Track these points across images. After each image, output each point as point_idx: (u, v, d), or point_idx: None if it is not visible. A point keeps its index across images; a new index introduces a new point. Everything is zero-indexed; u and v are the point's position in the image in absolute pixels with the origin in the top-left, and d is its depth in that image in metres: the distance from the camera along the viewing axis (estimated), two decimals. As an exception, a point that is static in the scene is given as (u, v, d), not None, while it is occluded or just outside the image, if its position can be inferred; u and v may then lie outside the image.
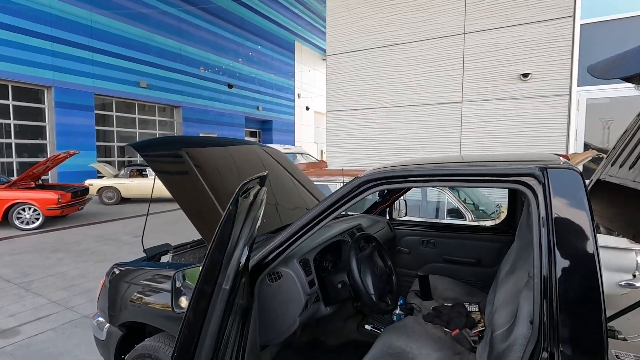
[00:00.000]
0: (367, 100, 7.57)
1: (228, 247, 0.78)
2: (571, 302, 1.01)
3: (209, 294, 0.78)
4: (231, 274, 0.75)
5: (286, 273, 1.58)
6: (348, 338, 2.20)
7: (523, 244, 1.83)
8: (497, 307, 1.55)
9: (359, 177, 1.40)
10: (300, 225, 1.46)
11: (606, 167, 2.09)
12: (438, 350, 1.67)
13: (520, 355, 1.13)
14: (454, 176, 1.24)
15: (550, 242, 1.07)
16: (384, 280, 1.81)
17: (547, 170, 1.10)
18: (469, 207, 4.42)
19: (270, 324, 1.59)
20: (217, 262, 0.80)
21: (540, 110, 6.04)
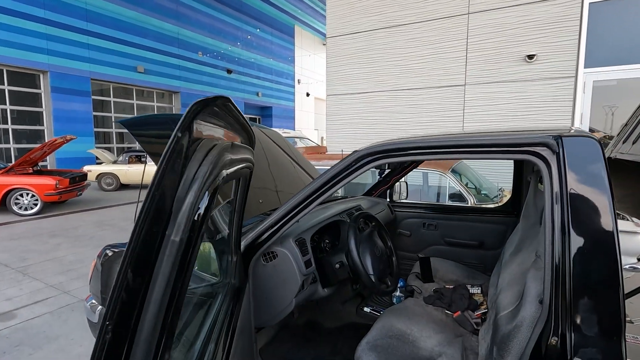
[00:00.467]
0: (368, 83, 7.41)
1: (179, 189, 0.58)
2: (587, 283, 0.93)
3: (154, 248, 0.59)
4: (182, 224, 0.58)
5: (281, 253, 1.51)
6: (347, 320, 2.15)
7: (529, 224, 1.75)
8: (501, 288, 1.49)
9: (357, 151, 1.31)
10: (296, 202, 1.38)
11: (617, 145, 2.00)
12: (439, 333, 1.62)
13: (528, 335, 1.06)
14: (458, 147, 1.15)
15: (564, 219, 0.98)
16: (384, 261, 1.75)
17: (561, 138, 1.01)
18: (471, 191, 4.34)
19: (266, 305, 1.53)
20: (163, 209, 0.61)
21: (545, 93, 5.90)
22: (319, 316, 2.18)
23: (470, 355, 1.51)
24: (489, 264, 2.41)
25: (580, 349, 0.91)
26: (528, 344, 1.05)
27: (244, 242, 1.43)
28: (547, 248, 1.01)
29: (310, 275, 1.61)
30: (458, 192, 4.17)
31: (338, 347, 1.91)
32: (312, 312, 2.20)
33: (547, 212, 1.02)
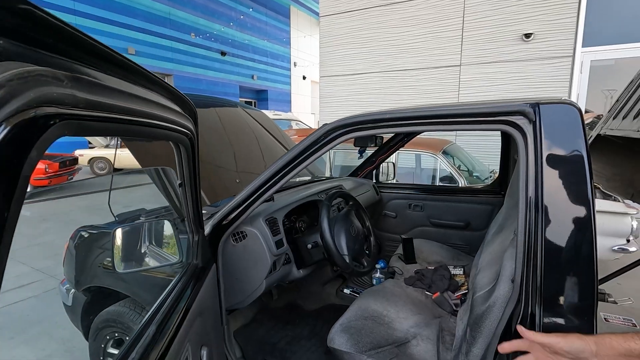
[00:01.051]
0: (362, 64, 7.23)
1: None
2: (559, 262, 0.87)
3: None
4: None
5: (251, 232, 1.45)
6: (327, 302, 2.12)
7: (513, 202, 1.69)
8: (480, 268, 1.44)
9: (326, 125, 1.23)
10: (263, 180, 1.31)
11: (607, 122, 1.93)
12: (417, 314, 1.58)
13: (499, 316, 1.02)
14: (430, 118, 1.07)
15: (537, 193, 0.92)
16: (359, 242, 1.69)
17: (539, 106, 0.93)
18: (463, 173, 4.28)
19: (236, 287, 1.48)
20: None
21: (542, 74, 5.76)
22: (299, 298, 2.15)
23: (446, 336, 1.47)
24: (475, 245, 2.36)
25: (549, 331, 0.86)
26: (499, 325, 1.00)
27: (211, 222, 1.37)
28: (520, 225, 0.95)
29: (282, 256, 1.55)
30: (449, 175, 4.11)
31: (316, 328, 1.88)
32: (292, 294, 2.17)
33: (521, 187, 0.96)
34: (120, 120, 0.45)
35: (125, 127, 0.51)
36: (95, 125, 0.42)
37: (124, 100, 0.47)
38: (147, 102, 0.52)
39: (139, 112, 0.49)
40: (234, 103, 2.85)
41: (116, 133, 0.51)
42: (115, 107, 0.43)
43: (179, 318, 0.90)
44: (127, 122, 0.50)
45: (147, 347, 0.74)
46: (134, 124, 0.52)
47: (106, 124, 0.45)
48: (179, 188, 0.89)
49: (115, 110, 0.44)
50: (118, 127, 0.46)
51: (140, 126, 0.52)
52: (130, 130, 0.52)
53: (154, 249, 1.27)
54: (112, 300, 1.82)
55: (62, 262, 2.01)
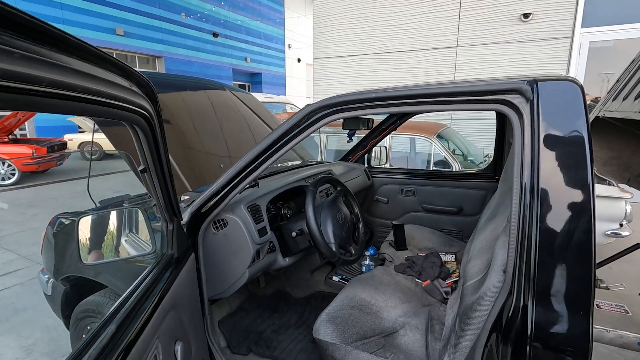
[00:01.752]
0: (357, 45, 7.05)
1: None
2: (555, 252, 0.81)
3: None
4: None
5: (232, 220, 1.38)
6: (315, 290, 2.08)
7: (507, 187, 1.63)
8: (472, 256, 1.39)
9: (309, 105, 1.15)
10: (242, 165, 1.23)
11: (606, 103, 1.86)
12: (406, 302, 1.53)
13: (489, 308, 0.96)
14: (420, 98, 0.99)
15: (533, 176, 0.85)
16: (347, 229, 1.63)
17: (537, 83, 0.85)
18: (458, 157, 4.22)
19: (218, 277, 1.42)
20: None
21: (540, 55, 5.64)
22: (287, 285, 2.10)
23: (436, 325, 1.43)
24: (467, 231, 2.32)
25: (542, 324, 0.80)
26: (489, 317, 0.95)
27: (189, 210, 1.30)
28: (513, 212, 0.89)
29: (266, 244, 1.49)
30: (444, 159, 4.04)
31: (304, 316, 1.84)
32: (280, 282, 2.12)
33: (515, 171, 0.89)
34: (51, 95, 0.37)
35: (58, 103, 0.42)
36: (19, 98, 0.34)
37: (49, 72, 0.39)
38: (74, 73, 0.43)
39: (61, 83, 0.41)
40: (220, 85, 2.73)
41: (46, 110, 0.42)
42: (44, 79, 0.35)
43: (147, 314, 0.83)
44: (60, 97, 0.42)
45: (105, 347, 0.67)
46: (69, 100, 0.44)
47: (26, 97, 0.37)
48: (142, 174, 0.81)
49: (34, 82, 0.36)
50: (49, 103, 0.38)
51: (77, 102, 0.44)
52: (65, 107, 0.44)
53: (129, 238, 1.20)
54: (92, 290, 1.76)
55: (40, 250, 1.94)
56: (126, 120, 0.61)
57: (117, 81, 0.52)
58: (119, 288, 1.53)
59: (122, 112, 0.56)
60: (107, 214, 1.14)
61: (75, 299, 1.76)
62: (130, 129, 0.68)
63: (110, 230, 1.11)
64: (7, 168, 6.98)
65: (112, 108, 0.53)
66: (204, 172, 1.84)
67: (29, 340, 2.35)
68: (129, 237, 1.18)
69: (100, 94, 0.48)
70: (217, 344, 1.42)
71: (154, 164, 0.80)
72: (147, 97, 0.64)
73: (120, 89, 0.53)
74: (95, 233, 1.04)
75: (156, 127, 0.72)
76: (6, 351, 2.25)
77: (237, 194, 1.29)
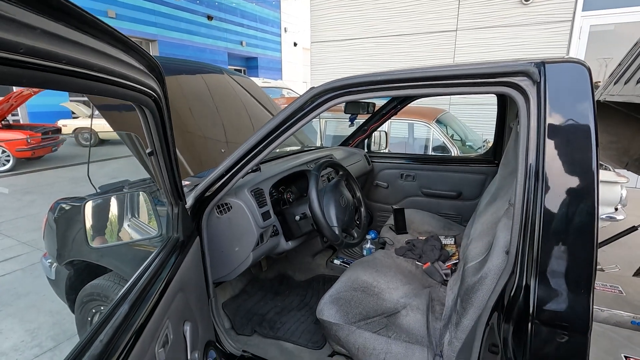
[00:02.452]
0: (355, 29, 6.93)
1: None
2: (558, 234, 0.83)
3: None
4: None
5: (236, 204, 1.39)
6: (316, 273, 2.11)
7: (507, 171, 1.65)
8: (472, 238, 1.41)
9: (313, 88, 1.14)
10: (246, 149, 1.22)
11: (608, 87, 1.86)
12: (407, 284, 1.56)
13: (491, 287, 0.99)
14: (425, 80, 0.98)
15: (539, 159, 0.85)
16: (349, 212, 1.64)
17: (544, 65, 0.85)
18: (457, 143, 4.22)
19: (222, 260, 1.43)
20: None
21: (540, 39, 5.59)
22: (289, 269, 2.13)
23: (436, 306, 1.46)
24: (467, 215, 2.35)
25: (544, 302, 0.83)
26: (490, 297, 0.97)
27: (193, 194, 1.30)
28: (517, 194, 0.90)
29: (269, 228, 1.50)
30: (442, 144, 4.04)
31: (306, 299, 1.87)
32: (282, 265, 2.14)
33: (520, 154, 0.89)
34: (51, 69, 0.36)
35: (66, 80, 0.42)
36: (15, 72, 0.33)
37: (57, 46, 0.38)
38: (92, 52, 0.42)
39: (81, 62, 0.40)
40: (219, 69, 2.69)
41: (54, 86, 0.42)
42: (42, 51, 0.34)
43: (157, 295, 0.85)
44: (69, 73, 0.41)
45: (118, 328, 0.68)
46: (78, 77, 0.43)
47: (33, 71, 0.36)
48: (149, 157, 0.81)
49: (42, 56, 0.35)
50: (49, 78, 0.37)
51: (85, 80, 0.43)
52: (73, 85, 0.43)
53: (133, 222, 1.21)
54: (95, 273, 1.78)
55: (42, 235, 1.94)
56: (136, 101, 0.60)
57: (130, 61, 0.52)
58: (124, 271, 1.55)
59: (133, 93, 0.56)
60: (112, 199, 1.14)
61: (80, 283, 1.77)
62: (139, 110, 0.67)
63: (115, 215, 1.11)
64: (2, 154, 6.91)
65: (124, 88, 0.52)
66: (204, 157, 1.84)
67: (33, 324, 2.38)
68: (133, 221, 1.19)
69: (114, 74, 0.47)
70: (221, 326, 1.44)
71: (161, 146, 0.80)
72: (156, 79, 0.63)
73: (132, 69, 0.53)
74: (100, 217, 1.04)
75: (164, 109, 0.72)
76: (11, 335, 2.28)
77: (240, 179, 1.30)
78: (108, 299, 1.61)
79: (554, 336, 0.82)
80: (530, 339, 0.83)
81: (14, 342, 2.22)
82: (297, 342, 1.54)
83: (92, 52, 0.42)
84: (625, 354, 1.18)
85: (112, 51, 0.47)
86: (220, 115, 2.19)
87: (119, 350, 0.64)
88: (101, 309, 1.72)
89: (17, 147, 6.86)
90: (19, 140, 6.87)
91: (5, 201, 5.20)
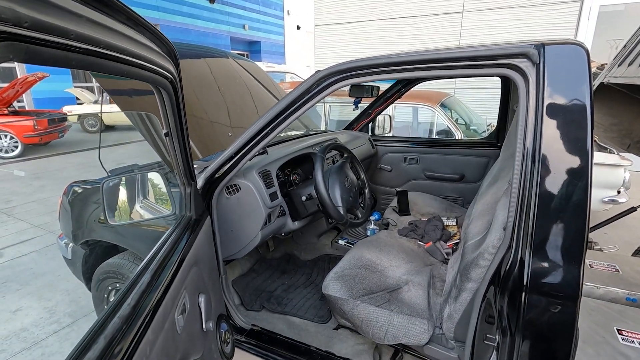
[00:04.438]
0: (359, 11, 6.84)
1: None
2: (552, 210, 0.87)
3: None
4: None
5: (244, 185, 1.44)
6: (321, 252, 2.18)
7: (509, 153, 1.68)
8: (473, 218, 1.46)
9: (319, 71, 1.17)
10: (253, 131, 1.27)
11: (612, 69, 1.86)
12: (409, 262, 1.62)
13: (489, 262, 1.04)
14: (428, 62, 1.01)
15: (536, 140, 0.89)
16: (354, 193, 1.69)
17: (544, 47, 0.87)
18: (461, 127, 4.22)
19: (232, 238, 1.50)
20: None
21: (547, 21, 5.49)
22: (295, 249, 2.20)
23: (437, 283, 1.52)
24: (469, 197, 2.39)
25: (537, 274, 0.88)
26: (488, 271, 1.02)
27: (203, 175, 1.35)
28: (515, 174, 0.94)
29: (277, 208, 1.56)
30: (446, 128, 4.05)
31: (312, 277, 1.94)
32: (288, 245, 2.21)
33: (519, 135, 0.93)
34: (81, 50, 0.40)
35: (89, 59, 0.45)
36: (47, 52, 0.37)
37: (85, 27, 0.42)
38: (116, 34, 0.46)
39: (106, 43, 0.44)
40: (224, 53, 2.71)
41: (78, 65, 0.45)
42: (71, 32, 0.38)
43: (174, 267, 0.91)
44: (91, 53, 0.45)
45: (143, 294, 0.75)
46: (100, 57, 0.47)
47: (63, 52, 0.40)
48: (165, 138, 0.86)
49: (72, 37, 0.38)
50: (80, 59, 0.40)
51: (107, 60, 0.47)
52: (95, 65, 0.47)
53: (147, 201, 1.26)
54: (111, 252, 1.86)
55: (58, 217, 2.02)
56: (155, 83, 0.65)
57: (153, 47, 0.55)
58: (138, 249, 1.62)
59: (153, 75, 0.60)
60: (128, 179, 1.19)
61: (95, 262, 1.86)
62: (157, 92, 0.71)
63: (132, 195, 1.17)
64: (10, 141, 7.00)
65: (148, 71, 0.56)
66: (212, 141, 1.88)
67: (51, 302, 2.49)
68: (148, 201, 1.25)
69: (142, 58, 0.51)
70: (232, 301, 1.52)
71: (175, 128, 0.85)
72: (173, 62, 0.67)
73: (152, 52, 0.57)
74: (118, 197, 1.10)
75: (179, 91, 0.76)
76: (30, 312, 2.39)
77: (248, 161, 1.35)
78: (123, 277, 1.69)
79: (546, 305, 0.87)
80: (523, 308, 0.88)
81: (33, 318, 2.33)
82: (304, 316, 1.62)
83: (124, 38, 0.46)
84: (618, 327, 1.24)
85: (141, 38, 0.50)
86: (225, 100, 2.22)
87: (144, 313, 0.70)
88: (117, 287, 1.80)
89: (24, 133, 6.94)
90: (27, 126, 6.94)
91: (15, 186, 5.31)
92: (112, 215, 1.08)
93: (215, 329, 1.19)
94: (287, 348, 1.43)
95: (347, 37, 7.09)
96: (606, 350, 1.10)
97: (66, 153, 7.53)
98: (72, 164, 6.64)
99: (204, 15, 16.10)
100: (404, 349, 1.40)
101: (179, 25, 15.08)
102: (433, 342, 1.28)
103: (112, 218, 1.08)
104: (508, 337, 0.91)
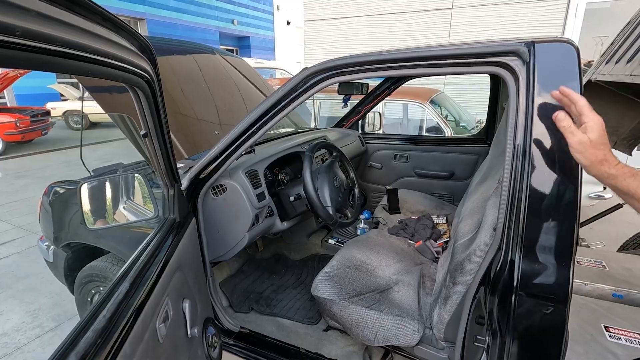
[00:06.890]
0: (349, 7, 6.79)
1: None
2: (542, 211, 0.86)
3: None
4: None
5: (231, 186, 1.40)
6: (311, 252, 2.15)
7: (498, 151, 1.67)
8: (463, 217, 1.45)
9: (306, 69, 1.14)
10: (240, 130, 1.23)
11: (599, 66, 1.87)
12: (399, 262, 1.61)
13: (479, 263, 1.03)
14: (418, 60, 0.99)
15: (526, 139, 0.87)
16: (343, 193, 1.67)
17: (534, 45, 0.86)
18: (450, 123, 4.23)
19: (219, 240, 1.46)
20: None
21: (535, 18, 5.53)
22: (284, 249, 2.17)
23: (427, 282, 1.52)
24: (459, 195, 2.39)
25: (527, 275, 0.87)
26: (478, 271, 1.01)
27: (188, 176, 1.31)
28: (505, 173, 0.92)
29: (264, 209, 1.53)
30: (436, 125, 4.05)
31: (302, 277, 1.92)
32: (277, 245, 2.18)
33: (509, 134, 0.91)
34: (30, 49, 0.36)
35: (44, 59, 0.41)
36: (13, 54, 0.33)
37: (34, 23, 0.38)
38: (75, 30, 0.42)
39: (63, 41, 0.40)
40: (210, 49, 2.65)
41: (27, 66, 0.41)
42: (17, 28, 0.34)
43: (156, 273, 0.87)
44: (46, 52, 0.41)
45: (120, 304, 0.71)
46: (58, 56, 0.43)
47: (29, 54, 0.36)
48: (144, 139, 0.82)
49: (18, 34, 0.35)
50: (27, 58, 0.36)
51: (67, 59, 0.43)
52: (54, 65, 0.43)
53: (128, 204, 1.22)
54: (94, 255, 1.80)
55: (38, 218, 1.95)
56: (129, 83, 0.61)
57: (121, 42, 0.52)
58: (121, 252, 1.57)
59: (125, 74, 0.56)
60: (107, 181, 1.15)
61: (78, 265, 1.80)
62: (132, 91, 0.67)
63: (111, 197, 1.12)
64: (-9, 138, 6.79)
65: (117, 70, 0.52)
66: (197, 139, 1.84)
67: (34, 306, 2.42)
68: (129, 203, 1.20)
69: (107, 55, 0.47)
70: (219, 304, 1.49)
71: (154, 128, 0.81)
72: (148, 60, 0.63)
73: (124, 50, 0.53)
74: (97, 199, 1.06)
75: (157, 90, 0.72)
76: (12, 316, 2.32)
77: (235, 160, 1.31)
78: (107, 280, 1.64)
79: (536, 306, 0.86)
80: (513, 310, 0.87)
81: (15, 323, 2.26)
82: (293, 318, 1.60)
83: (84, 34, 0.42)
84: (605, 324, 1.24)
85: (104, 32, 0.47)
86: (212, 97, 2.17)
87: (121, 325, 0.66)
88: (100, 290, 1.75)
89: (5, 130, 6.74)
90: (8, 123, 6.74)
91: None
92: (90, 218, 1.03)
93: (202, 333, 1.16)
94: (276, 350, 1.41)
95: (337, 33, 7.04)
96: (595, 348, 1.10)
97: (50, 151, 7.34)
98: (56, 162, 6.48)
99: (192, 10, 15.83)
100: (394, 350, 1.39)
101: (167, 20, 14.80)
102: (423, 343, 1.27)
103: (91, 222, 1.03)
104: (498, 339, 0.90)
